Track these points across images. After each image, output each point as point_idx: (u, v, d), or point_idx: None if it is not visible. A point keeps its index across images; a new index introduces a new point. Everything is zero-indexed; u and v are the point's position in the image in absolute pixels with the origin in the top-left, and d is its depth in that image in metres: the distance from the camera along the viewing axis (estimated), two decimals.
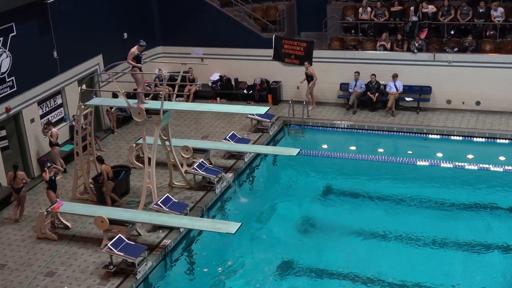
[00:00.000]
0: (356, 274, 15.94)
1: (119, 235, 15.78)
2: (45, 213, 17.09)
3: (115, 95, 21.92)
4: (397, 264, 16.26)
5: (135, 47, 17.31)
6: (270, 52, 25.46)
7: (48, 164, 17.86)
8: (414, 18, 24.62)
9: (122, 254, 15.24)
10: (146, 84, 24.04)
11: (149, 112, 17.60)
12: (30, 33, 20.16)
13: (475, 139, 22.18)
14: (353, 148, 22.46)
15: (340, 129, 23.54)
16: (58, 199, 17.49)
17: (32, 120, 20.26)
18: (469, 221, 17.94)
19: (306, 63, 24.30)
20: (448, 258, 16.43)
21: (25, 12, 19.71)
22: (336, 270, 16.20)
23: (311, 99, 24.59)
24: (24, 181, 17.92)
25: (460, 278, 15.63)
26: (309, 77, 24.17)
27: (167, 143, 18.93)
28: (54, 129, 20.14)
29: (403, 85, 23.83)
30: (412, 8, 24.77)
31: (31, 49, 20.16)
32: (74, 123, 19.57)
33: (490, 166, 20.46)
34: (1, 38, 18.95)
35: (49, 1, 20.34)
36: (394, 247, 17.07)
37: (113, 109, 23.34)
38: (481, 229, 17.51)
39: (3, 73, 19.11)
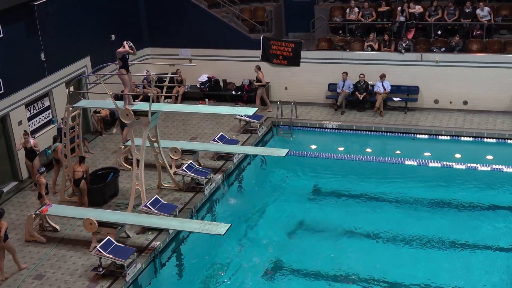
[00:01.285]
0: (346, 275, 15.99)
1: (108, 237, 15.75)
2: (33, 215, 17.03)
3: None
4: (387, 263, 16.31)
5: (122, 48, 17.49)
6: (258, 53, 25.47)
7: (42, 170, 17.72)
8: (402, 18, 24.72)
9: (111, 256, 15.19)
10: (134, 86, 24.04)
11: (138, 113, 17.56)
12: (17, 35, 20.07)
13: (462, 138, 22.30)
14: (341, 148, 22.52)
15: (329, 130, 23.58)
16: (47, 202, 17.43)
17: (20, 123, 20.16)
18: (456, 220, 18.04)
19: (255, 67, 24.46)
20: (435, 257, 16.52)
21: (12, 14, 19.61)
22: (326, 270, 16.22)
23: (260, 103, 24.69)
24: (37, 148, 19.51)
25: (447, 277, 15.71)
26: (259, 81, 24.40)
27: (155, 144, 18.90)
28: (33, 140, 19.82)
29: (391, 85, 23.92)
30: (399, 8, 24.88)
31: (18, 51, 20.07)
32: (62, 125, 19.50)
33: (478, 165, 20.57)
34: None
35: (36, 3, 20.26)
36: (383, 247, 17.13)
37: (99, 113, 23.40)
38: (468, 228, 17.61)
39: None
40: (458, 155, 21.28)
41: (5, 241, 15.37)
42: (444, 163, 20.80)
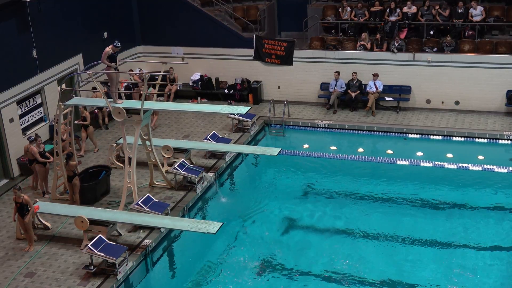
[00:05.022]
0: (338, 274, 16.01)
1: (100, 235, 15.71)
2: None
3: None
4: (380, 262, 16.36)
5: (110, 47, 17.68)
6: (251, 51, 25.48)
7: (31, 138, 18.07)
8: (392, 18, 24.78)
9: (103, 254, 15.17)
10: (125, 84, 24.01)
11: (130, 111, 17.53)
12: (9, 32, 20.00)
13: (454, 138, 22.37)
14: (333, 147, 22.55)
15: (321, 129, 23.61)
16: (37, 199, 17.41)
17: (11, 120, 20.09)
18: (448, 220, 18.10)
19: (169, 69, 24.58)
20: (427, 256, 16.57)
21: (3, 11, 19.54)
22: (318, 269, 16.24)
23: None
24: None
25: (440, 277, 15.76)
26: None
27: (147, 142, 18.87)
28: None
29: (383, 85, 23.97)
30: (388, 9, 24.97)
31: (10, 48, 20.00)
32: (54, 123, 19.43)
33: (469, 165, 20.64)
34: None
35: (28, 0, 20.19)
36: (373, 246, 17.17)
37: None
38: (459, 228, 17.68)
39: None
40: (449, 155, 21.35)
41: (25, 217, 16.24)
42: (436, 163, 20.86)
